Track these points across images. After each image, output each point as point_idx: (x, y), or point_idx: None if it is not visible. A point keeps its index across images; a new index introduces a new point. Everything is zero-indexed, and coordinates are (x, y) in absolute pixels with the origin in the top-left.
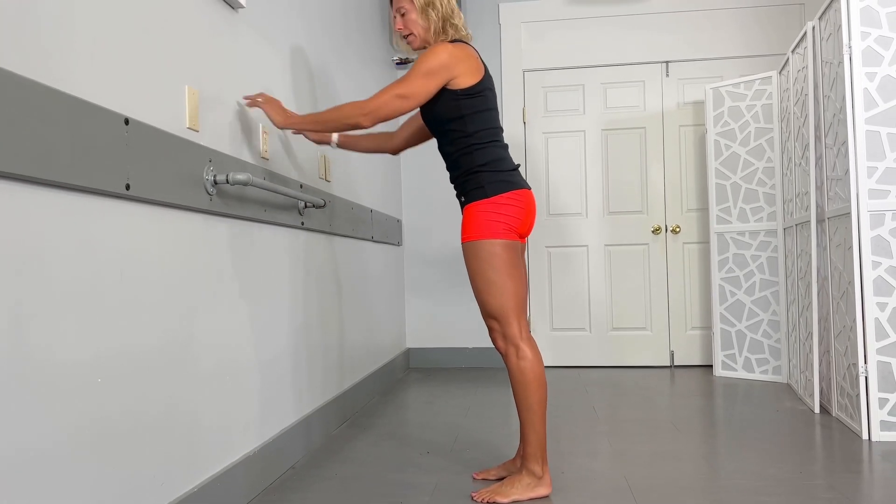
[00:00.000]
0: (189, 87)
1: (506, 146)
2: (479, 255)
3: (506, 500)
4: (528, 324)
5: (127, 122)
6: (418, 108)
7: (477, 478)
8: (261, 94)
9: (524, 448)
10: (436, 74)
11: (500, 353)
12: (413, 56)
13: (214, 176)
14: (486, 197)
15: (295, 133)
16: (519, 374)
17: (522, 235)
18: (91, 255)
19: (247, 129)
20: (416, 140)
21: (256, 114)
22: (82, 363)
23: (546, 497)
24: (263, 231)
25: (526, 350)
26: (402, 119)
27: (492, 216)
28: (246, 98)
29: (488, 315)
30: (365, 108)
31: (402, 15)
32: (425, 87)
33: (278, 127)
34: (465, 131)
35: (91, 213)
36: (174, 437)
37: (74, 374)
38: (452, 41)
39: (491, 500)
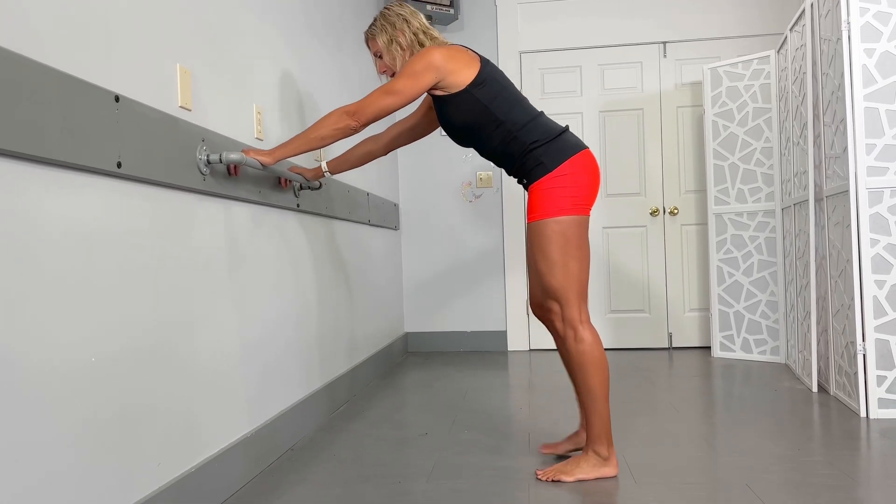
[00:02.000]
0: (181, 66)
1: (542, 113)
2: (544, 233)
3: (571, 479)
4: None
5: (117, 99)
6: (414, 114)
7: (544, 451)
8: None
9: (588, 431)
10: (421, 74)
11: (558, 335)
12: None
13: (207, 155)
14: (549, 171)
15: (289, 174)
16: (578, 357)
17: (590, 205)
18: (83, 233)
19: (241, 110)
20: (403, 140)
21: (251, 94)
22: (73, 344)
23: (613, 478)
24: (258, 212)
25: (584, 333)
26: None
27: (556, 192)
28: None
29: (548, 296)
30: (351, 109)
31: (379, 57)
32: (412, 86)
33: (268, 165)
34: (497, 120)
35: (82, 190)
36: (171, 417)
37: (65, 354)
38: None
39: (556, 479)
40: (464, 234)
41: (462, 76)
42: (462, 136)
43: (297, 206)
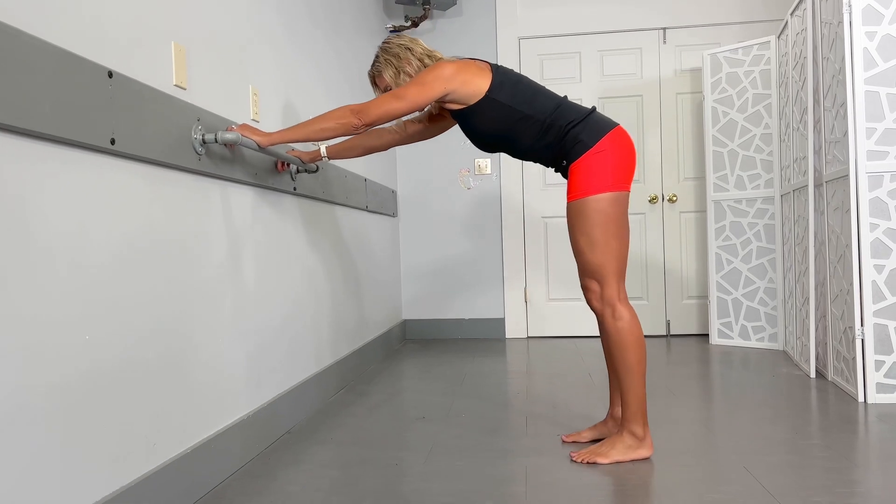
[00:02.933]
0: (175, 44)
1: (565, 97)
2: (585, 212)
3: (606, 461)
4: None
5: (111, 75)
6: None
7: (567, 440)
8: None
9: (624, 410)
10: (431, 84)
11: (596, 313)
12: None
13: (203, 135)
14: (589, 147)
15: (285, 158)
16: (616, 335)
17: (630, 180)
18: (76, 209)
19: (237, 91)
20: (406, 140)
21: (247, 75)
22: (66, 321)
23: (647, 459)
24: (254, 194)
25: (623, 311)
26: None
27: (598, 168)
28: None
29: (587, 274)
30: (357, 108)
31: (388, 90)
32: (420, 94)
33: (263, 146)
34: (525, 116)
35: (76, 166)
36: (167, 397)
37: (58, 330)
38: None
39: (591, 461)
40: (462, 222)
41: (476, 85)
42: (494, 143)
43: (294, 189)
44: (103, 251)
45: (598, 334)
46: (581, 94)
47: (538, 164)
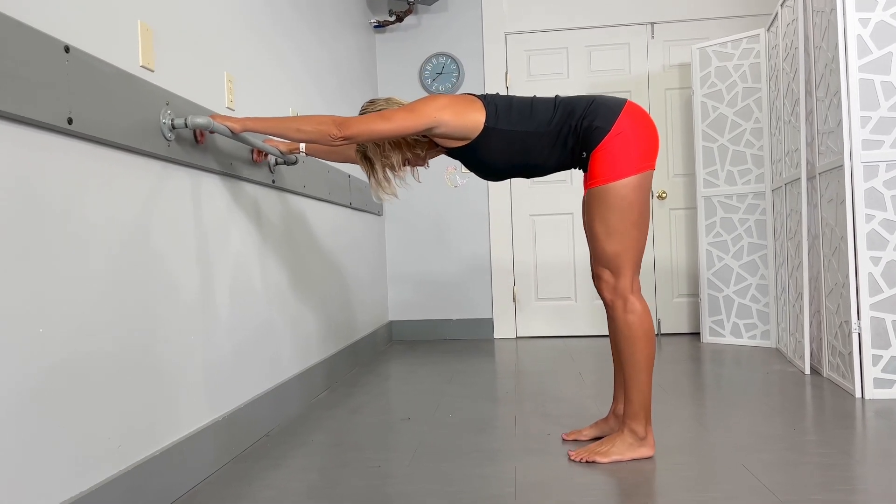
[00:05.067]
0: (142, 23)
1: (557, 96)
2: (606, 199)
3: (606, 460)
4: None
5: (67, 49)
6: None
7: (567, 439)
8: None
9: (626, 407)
10: (420, 112)
11: (606, 304)
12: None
13: (172, 120)
14: (607, 132)
15: (261, 150)
16: (626, 328)
17: (655, 156)
18: (27, 192)
19: (211, 77)
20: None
21: (222, 62)
22: (13, 314)
23: (649, 458)
24: (229, 185)
25: (635, 303)
26: None
27: (619, 151)
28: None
29: (602, 263)
30: (339, 119)
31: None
32: (407, 120)
33: (236, 132)
34: (532, 134)
35: (26, 145)
36: (133, 396)
37: (12, 324)
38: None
39: (590, 460)
40: (449, 220)
41: (471, 119)
42: (507, 170)
43: (273, 181)
44: (58, 239)
45: (590, 333)
46: (568, 90)
47: None
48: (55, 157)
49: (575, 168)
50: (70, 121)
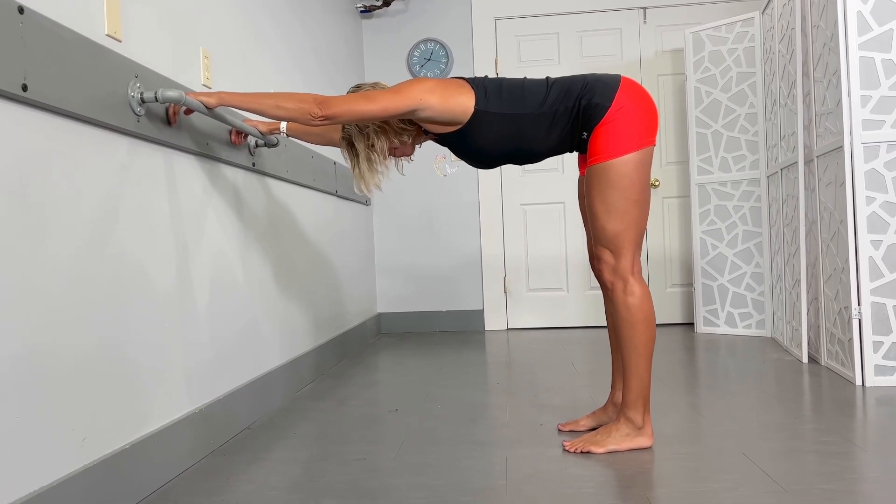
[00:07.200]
0: None
1: (548, 77)
2: (607, 175)
3: (601, 451)
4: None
5: (21, 10)
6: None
7: (563, 429)
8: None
9: (625, 394)
10: (406, 93)
11: (605, 286)
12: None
13: (141, 93)
14: (607, 109)
15: (241, 126)
16: (625, 310)
17: (655, 131)
18: None
19: (185, 51)
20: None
21: (198, 36)
22: None
23: (647, 448)
24: (206, 167)
25: (636, 285)
26: None
27: (621, 126)
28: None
29: (601, 243)
30: (320, 97)
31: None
32: (391, 101)
33: (211, 107)
34: (529, 114)
35: None
36: (101, 385)
37: None
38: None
39: (585, 450)
40: (438, 210)
41: (460, 103)
42: (501, 156)
43: (253, 164)
44: (12, 219)
45: (583, 324)
46: (559, 76)
47: None
48: (8, 127)
49: (571, 151)
50: (25, 87)
